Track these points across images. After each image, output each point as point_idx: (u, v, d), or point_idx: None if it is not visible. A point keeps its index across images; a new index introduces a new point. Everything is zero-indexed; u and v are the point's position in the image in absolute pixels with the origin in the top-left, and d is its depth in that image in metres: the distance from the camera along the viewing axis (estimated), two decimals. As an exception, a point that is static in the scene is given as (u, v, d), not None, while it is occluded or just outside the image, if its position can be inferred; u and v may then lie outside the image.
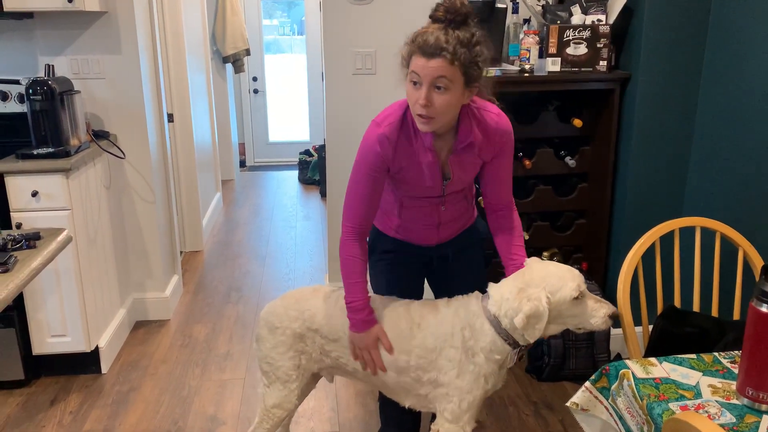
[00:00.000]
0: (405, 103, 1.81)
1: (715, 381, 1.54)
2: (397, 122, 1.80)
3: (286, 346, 1.95)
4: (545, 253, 3.09)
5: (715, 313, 2.10)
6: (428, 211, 1.94)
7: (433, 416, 1.92)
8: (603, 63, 2.76)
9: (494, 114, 1.84)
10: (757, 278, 1.99)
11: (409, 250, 2.04)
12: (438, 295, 2.11)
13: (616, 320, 1.79)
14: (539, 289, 1.71)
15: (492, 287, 1.83)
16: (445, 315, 1.84)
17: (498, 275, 1.92)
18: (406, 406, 1.96)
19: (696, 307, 2.12)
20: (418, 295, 2.10)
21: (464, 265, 2.09)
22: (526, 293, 1.72)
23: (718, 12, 2.62)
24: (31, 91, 2.80)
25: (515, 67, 2.83)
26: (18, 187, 2.73)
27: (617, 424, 1.60)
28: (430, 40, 1.62)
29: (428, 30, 1.65)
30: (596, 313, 1.73)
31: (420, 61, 1.64)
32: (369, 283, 2.17)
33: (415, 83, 1.67)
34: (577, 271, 1.78)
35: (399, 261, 2.07)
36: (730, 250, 2.27)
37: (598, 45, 2.74)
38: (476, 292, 1.88)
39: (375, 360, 1.87)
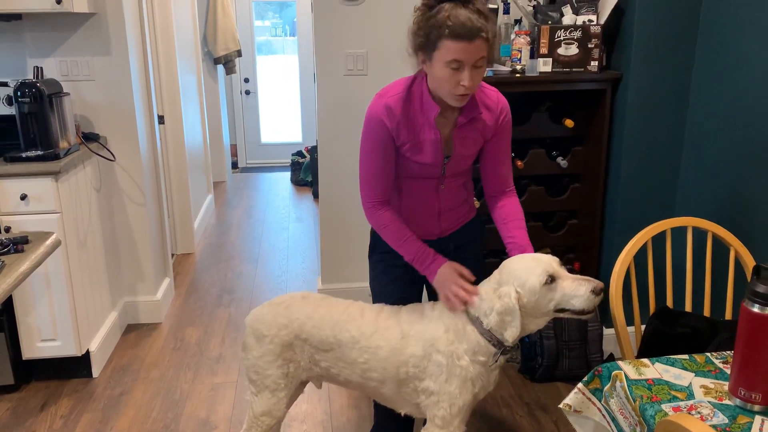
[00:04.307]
0: (409, 80, 1.84)
1: (708, 381, 1.54)
2: (401, 95, 1.82)
3: (275, 354, 1.91)
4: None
5: (707, 312, 2.10)
6: (428, 195, 1.96)
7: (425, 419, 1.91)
8: (594, 63, 2.76)
9: (492, 91, 1.91)
10: (748, 278, 1.99)
11: None
12: (435, 297, 2.10)
13: (604, 305, 1.77)
14: (508, 285, 1.72)
15: None
16: (430, 319, 1.83)
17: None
18: (402, 414, 1.95)
19: (688, 307, 2.12)
20: (416, 300, 2.09)
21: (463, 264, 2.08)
22: (498, 292, 1.73)
23: (708, 12, 2.63)
24: (19, 93, 2.78)
25: (507, 68, 2.83)
26: (6, 190, 2.70)
27: (610, 426, 1.60)
28: (465, 23, 1.63)
29: (449, 13, 1.64)
30: (577, 292, 1.69)
31: (460, 45, 1.64)
32: (370, 288, 2.17)
33: (455, 68, 1.68)
34: (546, 256, 1.76)
35: (397, 262, 2.05)
36: (721, 249, 2.28)
37: (590, 45, 2.74)
38: None
39: (463, 291, 1.78)
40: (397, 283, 2.07)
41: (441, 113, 1.82)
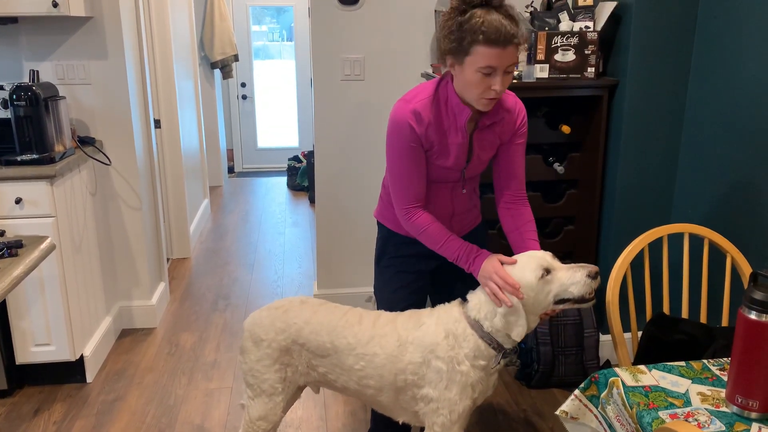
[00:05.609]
0: (433, 85, 1.84)
1: (705, 389, 1.53)
2: (429, 100, 1.82)
3: (272, 359, 1.90)
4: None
5: (703, 319, 2.10)
6: (442, 199, 1.97)
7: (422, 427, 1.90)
8: (591, 69, 2.76)
9: (510, 95, 1.92)
10: (745, 285, 1.99)
11: (419, 253, 2.02)
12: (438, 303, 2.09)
13: (597, 290, 1.75)
14: None
15: (471, 293, 1.85)
16: (428, 326, 1.83)
17: None
18: (400, 422, 1.94)
19: (684, 314, 2.11)
20: (419, 307, 2.08)
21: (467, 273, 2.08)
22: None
23: (705, 18, 2.64)
24: (15, 96, 2.76)
25: (504, 74, 2.83)
26: (1, 194, 2.69)
27: (607, 433, 1.59)
28: (499, 29, 1.63)
29: (483, 19, 1.64)
30: (573, 279, 1.72)
31: (493, 51, 1.65)
32: (374, 295, 2.16)
33: (487, 74, 1.69)
34: (540, 252, 1.79)
35: (407, 268, 2.06)
36: (718, 256, 2.28)
37: (586, 51, 2.74)
38: (458, 299, 1.88)
39: (503, 281, 1.72)
40: (406, 289, 2.07)
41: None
